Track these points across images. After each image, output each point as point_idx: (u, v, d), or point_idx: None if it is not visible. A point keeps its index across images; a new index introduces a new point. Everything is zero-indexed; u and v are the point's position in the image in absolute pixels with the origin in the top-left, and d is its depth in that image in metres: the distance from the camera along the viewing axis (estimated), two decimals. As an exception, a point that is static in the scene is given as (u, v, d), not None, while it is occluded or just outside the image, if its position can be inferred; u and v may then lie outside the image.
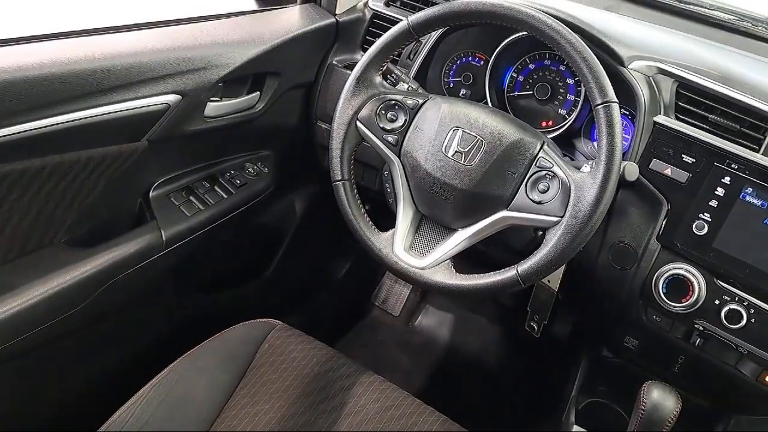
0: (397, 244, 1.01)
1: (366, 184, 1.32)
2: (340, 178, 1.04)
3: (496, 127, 0.96)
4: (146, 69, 1.00)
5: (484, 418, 1.70)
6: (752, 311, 0.96)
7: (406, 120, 1.02)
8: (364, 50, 1.05)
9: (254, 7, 1.35)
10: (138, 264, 1.12)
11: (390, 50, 1.03)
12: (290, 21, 1.30)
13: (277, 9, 1.35)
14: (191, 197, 1.23)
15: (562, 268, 1.10)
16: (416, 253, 1.01)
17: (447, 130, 0.97)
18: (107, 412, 0.99)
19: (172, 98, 1.05)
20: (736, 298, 0.97)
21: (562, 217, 0.89)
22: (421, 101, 1.02)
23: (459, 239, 0.98)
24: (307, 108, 1.39)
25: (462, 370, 1.83)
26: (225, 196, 1.27)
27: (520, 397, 1.77)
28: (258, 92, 1.25)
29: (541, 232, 0.93)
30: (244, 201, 1.32)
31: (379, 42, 1.03)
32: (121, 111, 0.98)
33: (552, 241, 0.89)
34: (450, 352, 1.87)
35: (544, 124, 1.24)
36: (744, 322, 0.96)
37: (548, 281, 1.15)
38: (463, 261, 1.01)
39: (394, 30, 1.01)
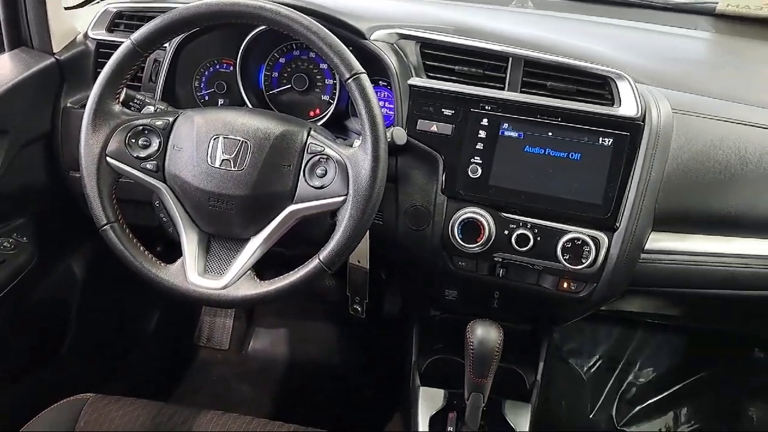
0: (190, 271, 0.95)
1: (145, 222, 1.21)
2: (105, 222, 0.95)
3: (258, 125, 0.94)
4: None
5: (341, 413, 1.69)
6: (536, 231, 1.04)
7: (160, 142, 0.96)
8: (100, 84, 0.96)
9: (-47, 64, 1.16)
10: None
11: (120, 75, 0.95)
12: (1, 72, 1.14)
13: (-19, 61, 1.18)
14: (-60, 293, 1.05)
15: (367, 245, 1.11)
16: (213, 274, 0.96)
17: (207, 141, 0.93)
18: None
19: None
20: (521, 224, 1.05)
21: (346, 195, 0.90)
22: (171, 119, 0.97)
23: (254, 247, 0.95)
24: (52, 160, 1.24)
25: (308, 378, 1.80)
26: (-18, 280, 1.10)
27: (370, 379, 1.79)
28: (-14, 157, 1.09)
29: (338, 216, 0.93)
30: (8, 280, 1.16)
31: (106, 69, 0.95)
32: None
33: (344, 220, 0.90)
34: (291, 366, 1.83)
35: (312, 113, 1.23)
36: (532, 242, 1.04)
37: (358, 261, 1.15)
38: (273, 269, 0.98)
39: (118, 52, 0.94)
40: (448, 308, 1.35)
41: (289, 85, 1.21)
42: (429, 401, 1.23)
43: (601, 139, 1.01)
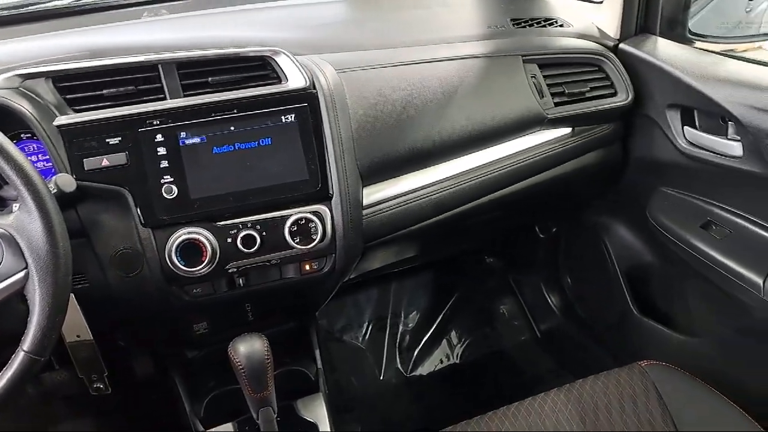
0: None
1: None
2: None
3: None
4: None
5: None
6: (259, 227, 0.99)
7: None
8: None
9: None
10: None
11: None
12: None
13: None
14: None
15: (80, 313, 0.95)
16: None
17: None
18: None
19: None
20: (241, 226, 0.99)
21: (25, 268, 0.76)
22: None
23: None
24: None
25: None
26: None
27: None
28: None
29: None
30: None
31: None
32: None
33: (36, 296, 0.75)
34: None
35: None
36: (259, 240, 0.99)
37: (78, 336, 0.98)
38: None
39: None
40: (205, 342, 1.24)
41: None
42: None
43: (283, 117, 1.00)
